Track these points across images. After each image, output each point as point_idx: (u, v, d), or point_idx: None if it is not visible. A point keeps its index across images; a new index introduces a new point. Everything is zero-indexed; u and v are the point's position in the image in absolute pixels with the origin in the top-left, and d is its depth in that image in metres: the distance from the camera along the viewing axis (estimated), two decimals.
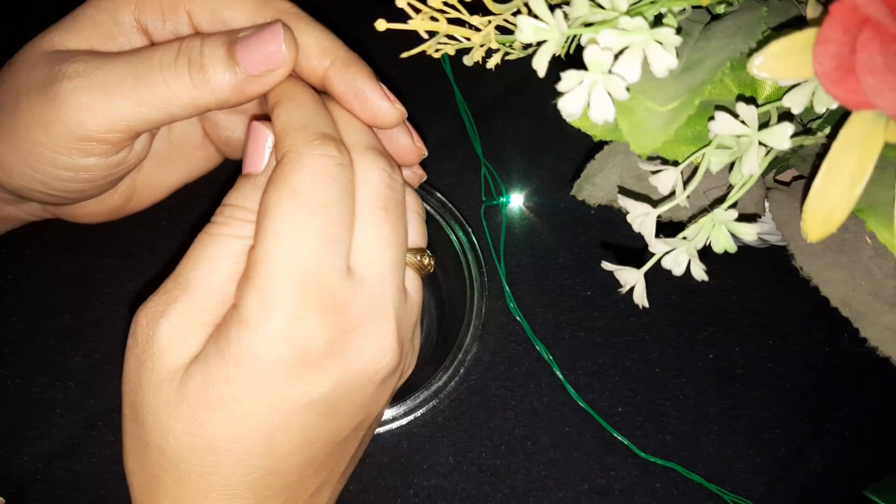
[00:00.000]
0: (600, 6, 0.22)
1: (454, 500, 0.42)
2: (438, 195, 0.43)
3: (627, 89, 0.22)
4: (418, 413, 0.41)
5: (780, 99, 0.23)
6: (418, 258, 0.28)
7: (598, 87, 0.22)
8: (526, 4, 0.23)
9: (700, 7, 0.26)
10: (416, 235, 0.29)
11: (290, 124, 0.25)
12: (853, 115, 0.21)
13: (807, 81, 0.22)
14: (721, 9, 0.26)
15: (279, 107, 0.26)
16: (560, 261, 0.46)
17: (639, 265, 0.25)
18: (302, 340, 0.23)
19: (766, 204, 0.29)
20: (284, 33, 0.26)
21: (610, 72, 0.22)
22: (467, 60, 0.24)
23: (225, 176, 0.40)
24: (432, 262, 0.29)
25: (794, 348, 0.45)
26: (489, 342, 0.45)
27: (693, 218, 0.25)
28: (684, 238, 0.24)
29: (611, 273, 0.26)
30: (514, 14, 0.23)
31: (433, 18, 0.23)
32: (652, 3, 0.24)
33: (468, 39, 0.23)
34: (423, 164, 0.47)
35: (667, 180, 0.25)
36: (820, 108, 0.22)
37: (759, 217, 0.29)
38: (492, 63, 0.25)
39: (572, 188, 0.32)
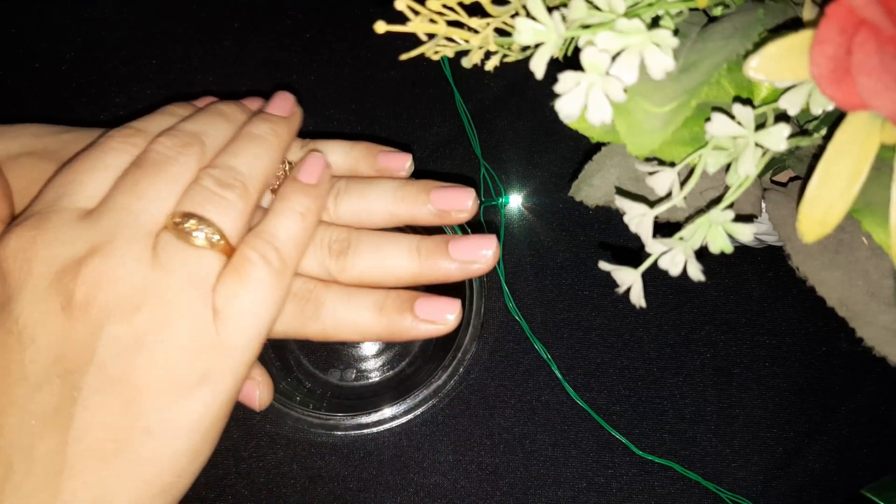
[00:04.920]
0: (598, 8, 0.22)
1: (453, 498, 0.42)
2: None
3: (625, 91, 0.22)
4: (418, 411, 0.41)
5: (776, 100, 0.23)
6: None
7: (596, 88, 0.22)
8: (524, 7, 0.23)
9: (697, 9, 0.26)
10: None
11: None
12: (849, 116, 0.21)
13: (803, 83, 0.22)
14: (718, 11, 0.26)
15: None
16: (558, 261, 0.46)
17: (636, 265, 0.25)
18: None
19: (763, 204, 0.29)
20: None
21: (607, 73, 0.22)
22: (466, 63, 0.24)
23: None
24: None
25: (792, 348, 0.45)
26: (488, 341, 0.45)
27: (690, 218, 0.25)
28: (681, 238, 0.24)
29: (608, 273, 0.26)
30: (513, 16, 0.23)
31: (432, 21, 0.23)
32: (649, 5, 0.24)
33: (467, 42, 0.24)
34: (423, 164, 0.47)
35: (664, 181, 0.25)
36: (816, 110, 0.22)
37: (756, 217, 0.29)
38: (490, 65, 0.25)
39: (570, 189, 0.32)
